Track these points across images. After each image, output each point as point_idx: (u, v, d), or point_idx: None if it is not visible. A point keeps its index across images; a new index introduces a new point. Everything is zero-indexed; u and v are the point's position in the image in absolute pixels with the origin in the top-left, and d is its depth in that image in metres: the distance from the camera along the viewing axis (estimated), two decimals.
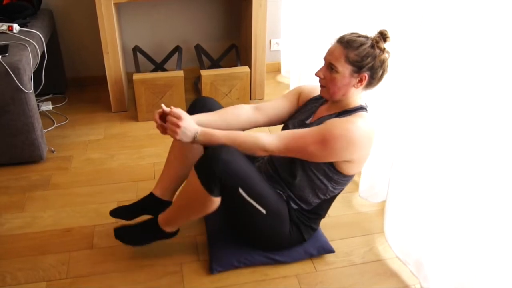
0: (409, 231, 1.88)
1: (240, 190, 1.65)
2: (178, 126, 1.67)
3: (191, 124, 1.70)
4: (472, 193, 1.48)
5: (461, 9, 1.44)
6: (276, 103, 1.94)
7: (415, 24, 1.74)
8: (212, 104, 2.01)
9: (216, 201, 1.67)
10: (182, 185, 1.94)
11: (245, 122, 1.90)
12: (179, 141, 1.72)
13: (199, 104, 2.00)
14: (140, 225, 1.87)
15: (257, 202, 1.69)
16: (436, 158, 1.66)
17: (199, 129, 1.70)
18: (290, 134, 1.68)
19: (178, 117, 1.68)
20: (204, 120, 1.84)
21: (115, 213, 1.97)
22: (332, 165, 1.71)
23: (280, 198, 1.79)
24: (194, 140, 1.70)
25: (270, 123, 1.95)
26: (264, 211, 1.72)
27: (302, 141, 1.64)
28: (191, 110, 1.98)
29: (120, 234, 1.87)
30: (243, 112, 1.90)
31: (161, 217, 1.84)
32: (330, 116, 1.72)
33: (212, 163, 1.60)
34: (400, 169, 1.90)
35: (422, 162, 1.75)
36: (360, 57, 1.62)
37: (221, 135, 1.69)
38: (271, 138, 1.67)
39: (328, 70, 1.68)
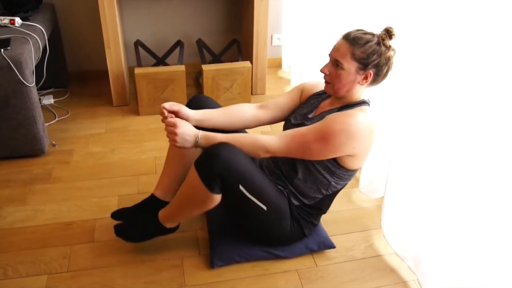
0: (406, 227, 1.88)
1: (241, 187, 1.65)
2: (175, 134, 1.67)
3: (189, 129, 1.69)
4: (470, 190, 1.48)
5: (464, 7, 1.43)
6: (279, 100, 1.95)
7: (415, 19, 1.74)
8: (209, 103, 2.00)
9: (217, 198, 1.67)
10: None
11: (250, 119, 1.91)
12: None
13: (195, 102, 2.00)
14: (141, 221, 1.87)
15: (257, 199, 1.69)
16: (434, 154, 1.66)
17: (199, 133, 1.69)
18: (290, 133, 1.68)
19: (173, 125, 1.68)
20: (207, 115, 1.86)
21: (116, 215, 1.96)
22: (334, 160, 1.71)
23: (281, 194, 1.79)
24: (197, 145, 1.69)
25: (274, 121, 1.96)
26: (265, 208, 1.72)
27: (303, 139, 1.64)
28: (188, 106, 1.96)
29: (121, 231, 1.87)
30: (247, 110, 1.92)
31: (161, 213, 1.84)
32: (332, 111, 1.72)
33: (212, 160, 1.60)
34: (398, 166, 1.90)
35: (421, 158, 1.74)
36: (366, 54, 1.61)
37: (223, 138, 1.68)
38: (272, 139, 1.67)
39: (334, 67, 1.68)
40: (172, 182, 1.96)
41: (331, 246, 1.97)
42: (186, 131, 1.68)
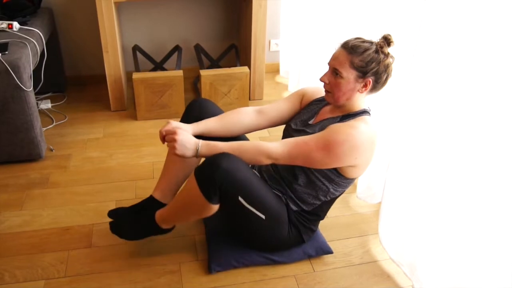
0: (403, 233, 1.88)
1: (240, 198, 1.65)
2: (174, 141, 1.65)
3: (189, 137, 1.68)
4: (467, 197, 1.48)
5: (463, 12, 1.44)
6: (278, 105, 1.95)
7: (413, 26, 1.75)
8: (209, 106, 2.00)
9: (214, 207, 1.67)
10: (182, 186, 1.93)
11: (248, 126, 1.92)
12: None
13: (195, 106, 1.99)
14: (136, 220, 1.87)
15: (256, 209, 1.69)
16: (432, 160, 1.66)
17: (200, 142, 1.68)
18: (293, 141, 1.68)
19: (173, 133, 1.67)
20: (205, 127, 1.86)
21: (113, 214, 1.94)
22: (335, 168, 1.71)
23: (280, 201, 1.79)
24: (197, 154, 1.68)
25: (271, 126, 1.97)
26: (263, 216, 1.72)
27: (306, 147, 1.64)
28: (188, 113, 1.99)
29: (116, 227, 1.87)
30: (245, 116, 1.92)
31: (158, 214, 1.84)
32: (334, 119, 1.73)
33: (213, 171, 1.59)
34: (396, 172, 1.90)
35: (418, 164, 1.75)
36: (365, 63, 1.62)
37: (224, 146, 1.67)
38: (275, 145, 1.67)
39: (333, 75, 1.68)
40: (171, 184, 1.96)
41: (328, 251, 1.97)
42: (186, 138, 1.66)
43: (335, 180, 1.74)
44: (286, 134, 1.88)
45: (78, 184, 2.38)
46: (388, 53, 1.65)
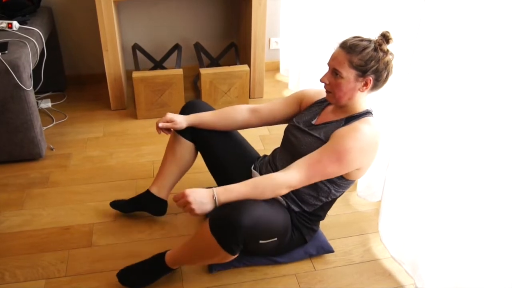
0: (404, 231, 1.88)
1: (260, 241, 1.62)
2: (189, 203, 1.54)
3: (201, 192, 1.57)
4: (468, 194, 1.48)
5: (462, 10, 1.44)
6: (273, 106, 1.96)
7: (413, 23, 1.74)
8: (204, 107, 2.04)
9: (236, 255, 1.62)
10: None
11: (240, 122, 1.97)
12: (178, 146, 1.84)
13: (189, 107, 2.04)
14: (145, 265, 1.79)
15: (271, 239, 1.67)
16: (432, 158, 1.66)
17: (214, 192, 1.57)
18: (306, 163, 1.64)
19: (183, 196, 1.56)
20: (200, 119, 1.96)
21: (114, 204, 2.10)
22: None
23: (284, 212, 1.75)
24: (216, 204, 1.57)
25: (264, 125, 2.01)
26: (275, 239, 1.70)
27: (320, 166, 1.63)
28: (183, 113, 2.03)
29: (125, 278, 1.79)
30: (239, 113, 1.96)
31: (169, 259, 1.76)
32: (338, 122, 1.72)
33: (235, 230, 1.52)
34: (395, 169, 1.90)
35: (418, 162, 1.75)
36: (364, 61, 1.61)
37: (241, 190, 1.60)
38: (291, 175, 1.62)
39: (333, 76, 1.67)
40: (167, 180, 2.06)
41: (329, 250, 1.97)
42: (198, 195, 1.56)
43: (337, 182, 1.74)
44: (287, 134, 1.87)
45: (78, 183, 2.38)
46: (387, 50, 1.65)
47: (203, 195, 1.56)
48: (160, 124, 1.93)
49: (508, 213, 1.34)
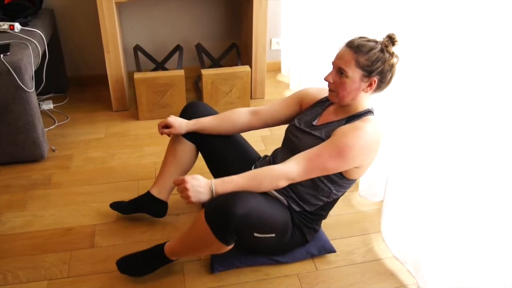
0: (406, 230, 1.88)
1: (255, 234, 1.64)
2: (186, 189, 1.56)
3: (199, 180, 1.59)
4: (470, 194, 1.48)
5: (464, 12, 1.44)
6: (273, 107, 1.96)
7: (414, 25, 1.74)
8: (204, 109, 2.05)
9: (231, 246, 1.64)
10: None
11: (241, 126, 1.97)
12: (178, 147, 1.87)
13: (190, 109, 2.05)
14: (145, 255, 1.81)
15: (268, 234, 1.69)
16: (434, 158, 1.66)
17: (212, 182, 1.60)
18: (306, 156, 1.65)
19: (182, 182, 1.58)
20: (201, 124, 1.96)
21: (114, 206, 2.09)
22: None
23: (284, 209, 1.76)
24: (213, 194, 1.59)
25: (266, 127, 2.01)
26: (273, 235, 1.71)
27: (320, 160, 1.63)
28: (182, 116, 2.04)
29: (124, 266, 1.81)
30: (240, 116, 1.97)
31: (168, 249, 1.78)
32: (339, 122, 1.72)
33: (229, 219, 1.53)
34: (397, 169, 1.90)
35: (420, 162, 1.75)
36: (371, 62, 1.61)
37: (239, 181, 1.62)
38: (290, 166, 1.63)
39: (338, 75, 1.67)
40: (167, 181, 2.06)
41: (331, 250, 1.97)
42: (196, 182, 1.58)
43: (338, 182, 1.74)
44: (288, 135, 1.87)
45: (80, 185, 2.38)
46: (393, 52, 1.65)
47: (201, 184, 1.58)
48: (160, 131, 1.98)
49: (510, 213, 1.34)
